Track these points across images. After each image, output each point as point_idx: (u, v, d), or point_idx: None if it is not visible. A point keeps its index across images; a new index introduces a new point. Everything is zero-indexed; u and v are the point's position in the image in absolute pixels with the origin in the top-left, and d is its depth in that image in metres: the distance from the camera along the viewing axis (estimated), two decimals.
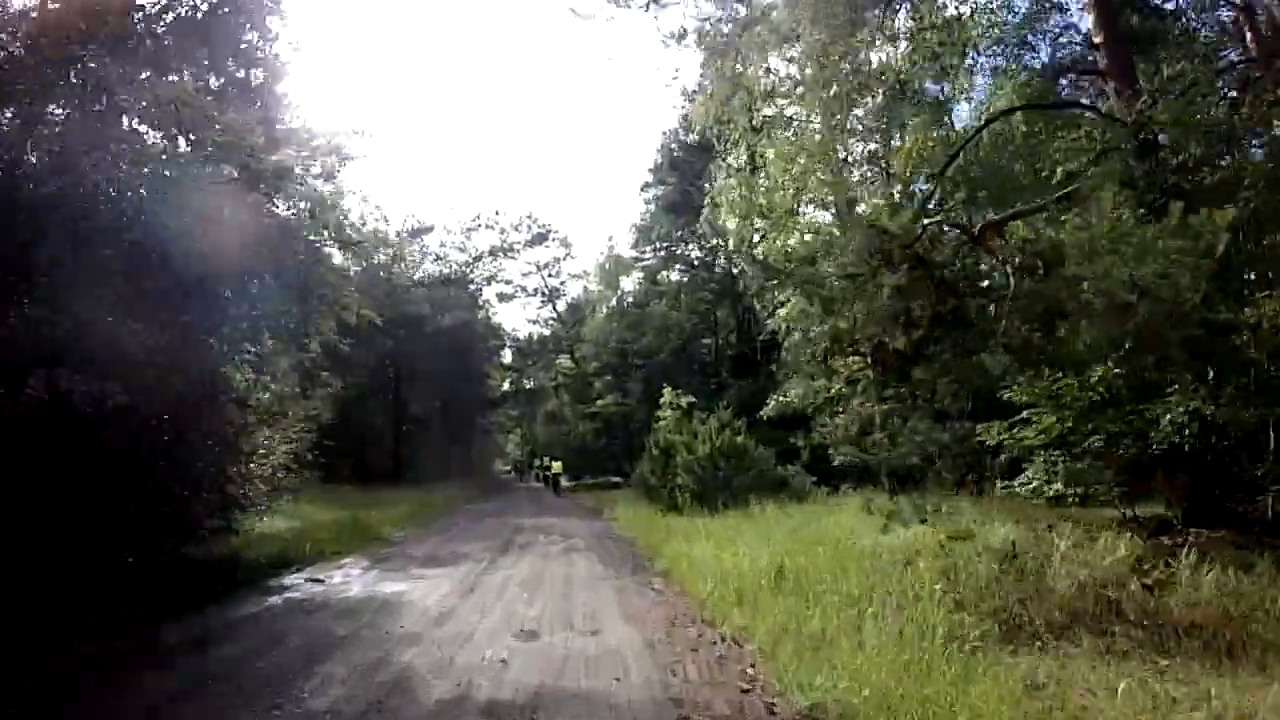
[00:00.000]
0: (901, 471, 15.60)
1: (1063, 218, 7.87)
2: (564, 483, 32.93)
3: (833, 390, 15.11)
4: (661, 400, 20.42)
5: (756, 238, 16.85)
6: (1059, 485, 9.53)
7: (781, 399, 17.52)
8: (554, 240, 45.74)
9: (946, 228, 7.93)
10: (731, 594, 6.37)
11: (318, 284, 11.35)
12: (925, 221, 7.46)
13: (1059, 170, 9.11)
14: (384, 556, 10.74)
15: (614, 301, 40.08)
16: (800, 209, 16.69)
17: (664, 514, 16.10)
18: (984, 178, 11.26)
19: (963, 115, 17.36)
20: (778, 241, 15.92)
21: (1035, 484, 9.59)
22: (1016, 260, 7.47)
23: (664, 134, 35.24)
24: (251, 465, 14.74)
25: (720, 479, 16.25)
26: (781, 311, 16.90)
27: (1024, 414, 9.30)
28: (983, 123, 9.68)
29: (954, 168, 10.92)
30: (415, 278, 37.99)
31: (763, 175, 15.84)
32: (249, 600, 7.34)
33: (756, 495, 16.44)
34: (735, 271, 33.11)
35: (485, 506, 22.01)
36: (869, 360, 7.96)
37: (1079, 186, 8.82)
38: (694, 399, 20.33)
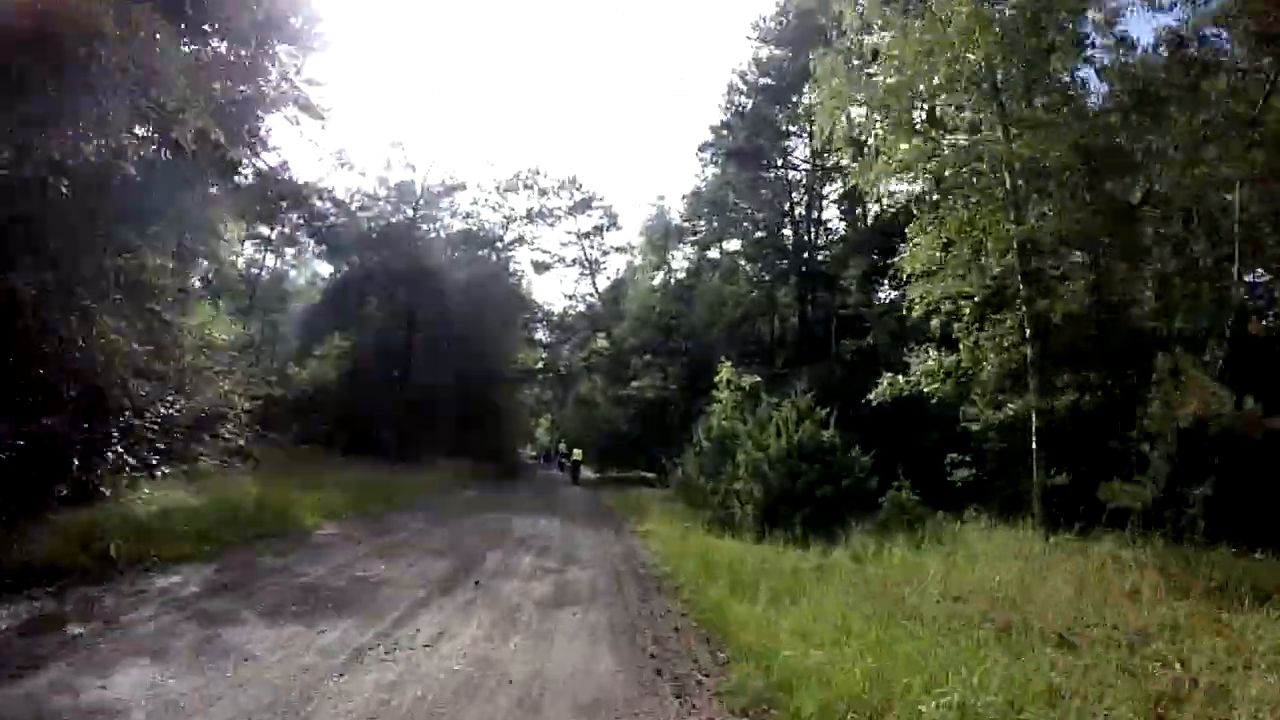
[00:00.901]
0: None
1: None
2: (586, 473, 28.91)
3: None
4: (718, 378, 15.51)
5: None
6: None
7: (900, 379, 12.33)
8: (597, 208, 41.35)
9: None
10: None
11: None
12: None
13: None
14: (244, 579, 6.14)
15: (661, 274, 35.23)
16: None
17: (718, 533, 11.29)
18: None
19: None
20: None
21: None
22: None
23: (732, 72, 30.12)
24: (145, 419, 10.62)
25: (802, 488, 11.34)
26: (918, 244, 11.84)
27: None
28: None
29: None
30: (444, 235, 33.87)
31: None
32: None
33: (852, 516, 11.65)
34: (807, 237, 28.07)
35: (482, 496, 17.40)
36: None
37: None
38: (759, 379, 15.38)
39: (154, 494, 9.40)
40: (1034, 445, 12.11)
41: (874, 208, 27.43)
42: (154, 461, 9.96)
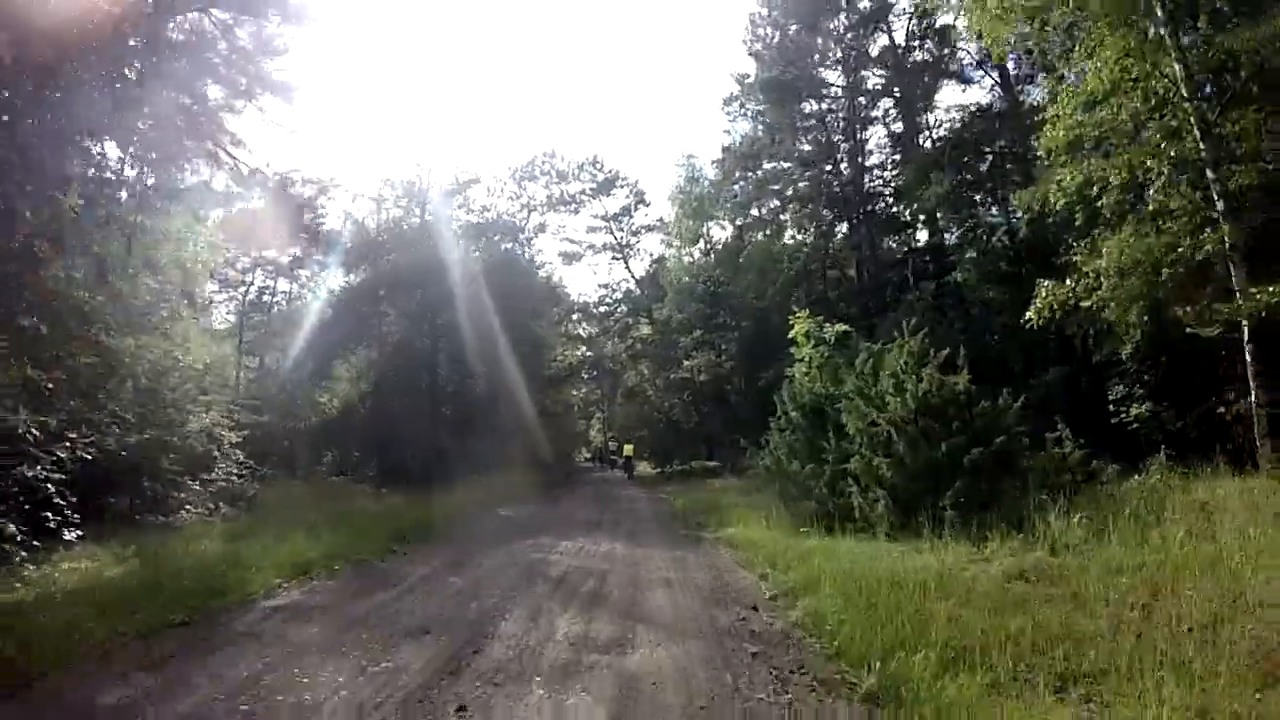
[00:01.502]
0: None
1: None
2: (643, 468, 26.41)
3: None
4: (792, 332, 12.23)
5: None
6: None
7: (1068, 285, 8.74)
8: (623, 186, 38.37)
9: None
10: None
11: None
12: None
13: None
14: None
15: (701, 242, 32.03)
16: None
17: (836, 533, 8.08)
18: None
19: None
20: None
21: None
22: None
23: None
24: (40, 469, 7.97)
25: (946, 457, 8.01)
26: (1062, 109, 8.42)
27: None
28: None
29: None
30: (460, 231, 31.30)
31: None
32: None
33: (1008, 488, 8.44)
34: (857, 175, 24.39)
35: (521, 515, 14.41)
36: None
37: None
38: (848, 328, 12.04)
39: (41, 572, 6.72)
40: (1249, 357, 8.63)
41: (937, 117, 23.72)
42: (53, 525, 7.26)
